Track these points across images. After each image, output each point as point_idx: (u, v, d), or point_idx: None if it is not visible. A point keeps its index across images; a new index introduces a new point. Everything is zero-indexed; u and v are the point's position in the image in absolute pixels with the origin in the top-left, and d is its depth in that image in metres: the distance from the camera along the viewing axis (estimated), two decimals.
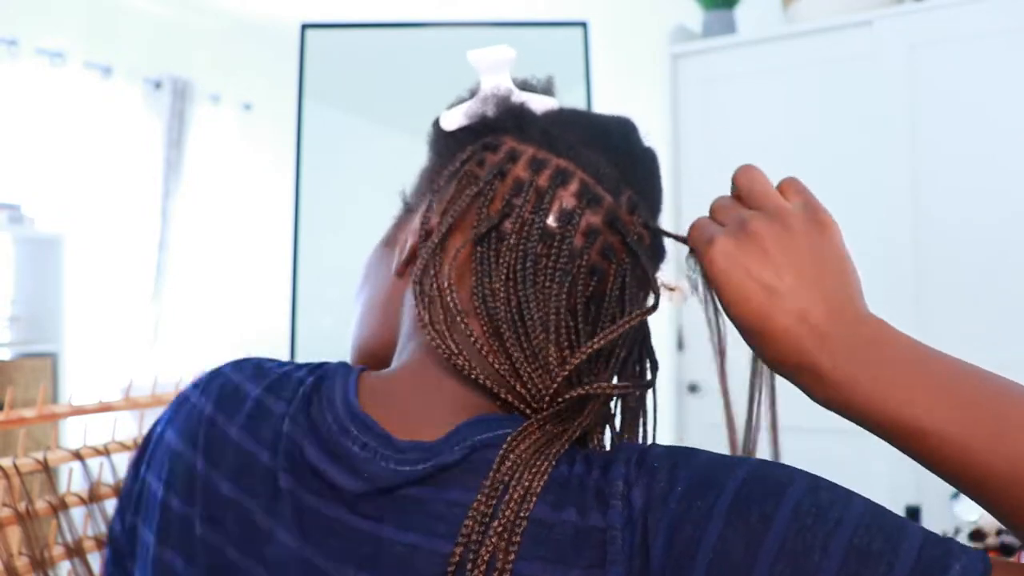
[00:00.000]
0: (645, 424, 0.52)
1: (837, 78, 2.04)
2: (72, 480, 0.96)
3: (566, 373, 0.45)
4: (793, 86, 2.11)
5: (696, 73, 2.26)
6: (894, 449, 0.43)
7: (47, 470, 0.89)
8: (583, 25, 1.85)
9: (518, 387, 0.46)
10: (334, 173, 2.02)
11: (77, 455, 0.93)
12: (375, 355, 0.56)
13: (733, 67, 2.21)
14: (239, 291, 3.76)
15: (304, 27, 1.96)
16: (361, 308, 0.58)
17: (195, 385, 0.54)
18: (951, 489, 1.37)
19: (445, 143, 0.55)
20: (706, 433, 2.09)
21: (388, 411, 0.48)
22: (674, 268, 0.55)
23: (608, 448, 0.50)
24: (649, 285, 0.51)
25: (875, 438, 0.43)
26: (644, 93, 2.68)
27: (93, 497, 0.94)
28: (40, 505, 0.88)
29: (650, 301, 0.52)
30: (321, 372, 0.51)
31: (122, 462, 1.00)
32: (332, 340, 2.07)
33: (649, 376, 0.53)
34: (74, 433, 2.62)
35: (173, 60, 3.46)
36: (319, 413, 0.47)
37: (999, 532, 1.26)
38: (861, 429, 0.43)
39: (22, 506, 0.85)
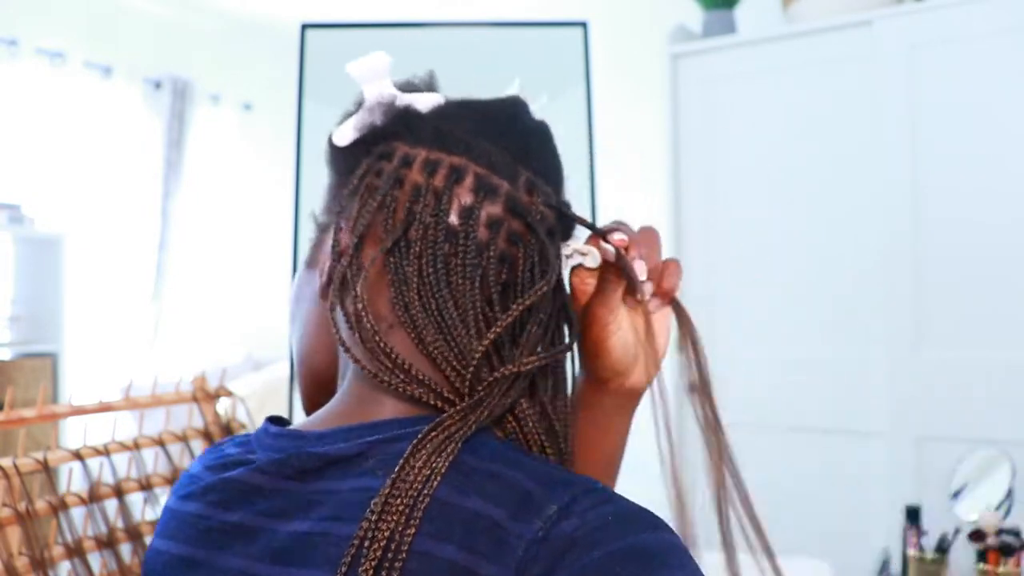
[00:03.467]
0: (563, 394, 0.53)
1: (837, 78, 2.04)
2: (72, 480, 0.96)
3: (474, 364, 0.46)
4: (793, 86, 2.11)
5: (696, 73, 2.26)
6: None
7: (47, 470, 0.89)
8: (583, 25, 1.85)
9: (444, 391, 0.47)
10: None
11: (77, 455, 0.93)
12: (319, 377, 0.57)
13: (733, 67, 2.21)
14: (239, 291, 3.76)
15: (304, 27, 1.96)
16: (296, 332, 0.59)
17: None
18: (951, 489, 1.37)
19: (342, 159, 0.55)
20: None
21: (314, 424, 0.51)
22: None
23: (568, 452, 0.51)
24: (558, 258, 0.52)
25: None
26: (644, 93, 2.68)
27: (93, 497, 0.94)
28: (40, 505, 0.88)
29: (573, 272, 0.54)
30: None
31: (122, 462, 1.00)
32: None
33: (563, 346, 0.53)
34: (74, 433, 2.62)
35: (173, 60, 3.46)
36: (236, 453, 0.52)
37: (999, 532, 1.26)
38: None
39: (22, 506, 0.85)
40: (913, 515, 1.35)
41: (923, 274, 1.89)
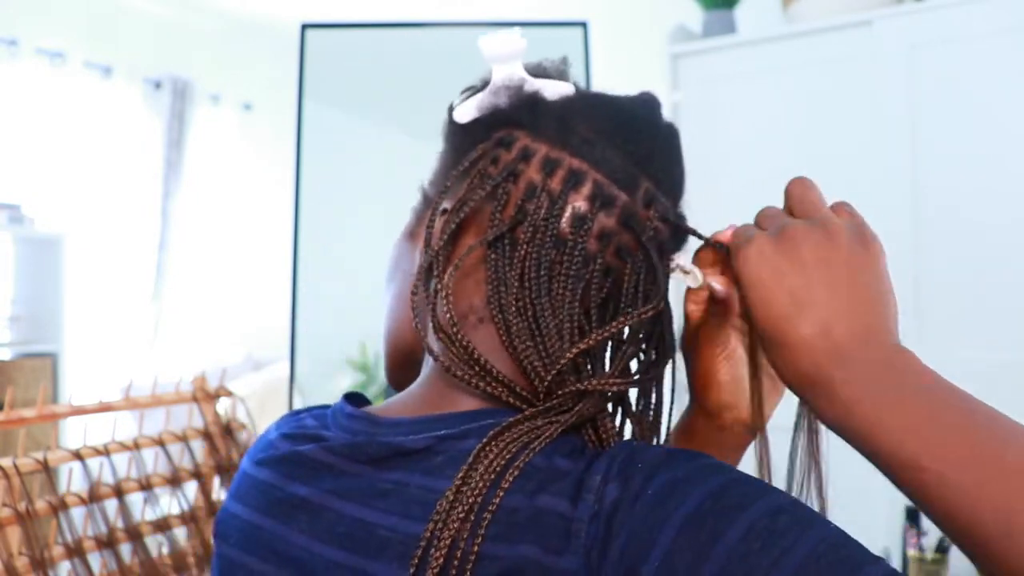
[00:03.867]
0: (657, 419, 0.51)
1: (837, 78, 2.04)
2: (72, 480, 0.96)
3: (556, 370, 0.45)
4: (793, 86, 2.11)
5: (696, 73, 2.26)
6: None
7: (47, 470, 0.89)
8: (583, 25, 1.85)
9: (520, 389, 0.46)
10: (334, 173, 2.02)
11: (77, 455, 0.93)
12: (405, 349, 0.56)
13: (733, 67, 2.21)
14: (239, 291, 3.76)
15: (304, 27, 1.96)
16: (390, 302, 0.58)
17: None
18: None
19: (459, 136, 0.53)
20: None
21: (391, 410, 0.51)
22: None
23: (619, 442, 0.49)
24: (666, 278, 0.50)
25: None
26: None
27: (93, 497, 0.94)
28: (40, 505, 0.88)
29: (678, 290, 0.51)
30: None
31: (122, 462, 1.00)
32: (332, 340, 2.07)
33: (655, 371, 0.51)
34: (74, 433, 2.63)
35: (173, 60, 3.46)
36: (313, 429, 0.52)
37: None
38: None
39: (22, 506, 0.85)
40: (913, 515, 1.35)
41: (922, 274, 1.89)
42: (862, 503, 2.04)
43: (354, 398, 0.54)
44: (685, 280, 0.51)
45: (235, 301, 3.74)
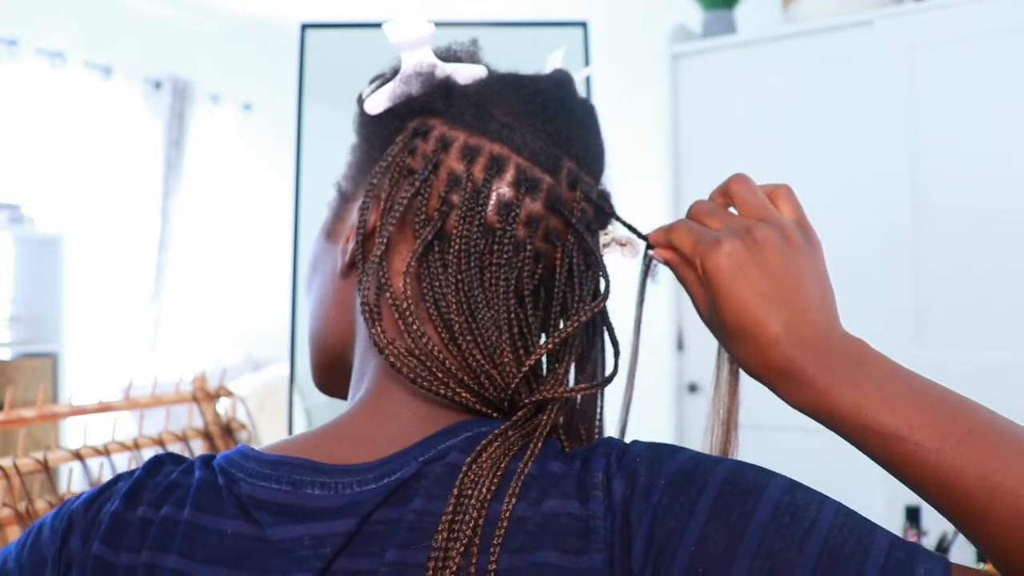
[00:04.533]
0: (600, 417, 0.52)
1: (837, 78, 2.04)
2: (72, 480, 0.96)
3: (517, 380, 0.45)
4: (793, 86, 2.11)
5: (696, 73, 2.26)
6: None
7: (47, 470, 0.89)
8: (583, 25, 1.85)
9: (483, 392, 0.45)
10: (334, 173, 2.02)
11: (77, 455, 0.93)
12: (334, 354, 0.54)
13: (733, 67, 2.21)
14: (239, 291, 3.76)
15: (304, 27, 1.96)
16: (312, 305, 0.56)
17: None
18: None
19: (372, 128, 0.52)
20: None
21: (337, 445, 0.46)
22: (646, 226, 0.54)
23: (591, 442, 0.49)
24: (597, 263, 0.50)
25: None
26: (644, 93, 2.68)
27: None
28: (40, 505, 0.88)
29: (604, 285, 0.51)
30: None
31: (122, 462, 1.00)
32: None
33: (610, 368, 0.51)
34: (74, 433, 2.63)
35: (173, 60, 3.46)
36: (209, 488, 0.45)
37: None
38: None
39: (22, 506, 0.85)
40: (913, 515, 1.35)
41: (922, 274, 1.89)
42: (862, 503, 2.04)
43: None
44: (623, 252, 0.52)
45: (235, 301, 3.74)
